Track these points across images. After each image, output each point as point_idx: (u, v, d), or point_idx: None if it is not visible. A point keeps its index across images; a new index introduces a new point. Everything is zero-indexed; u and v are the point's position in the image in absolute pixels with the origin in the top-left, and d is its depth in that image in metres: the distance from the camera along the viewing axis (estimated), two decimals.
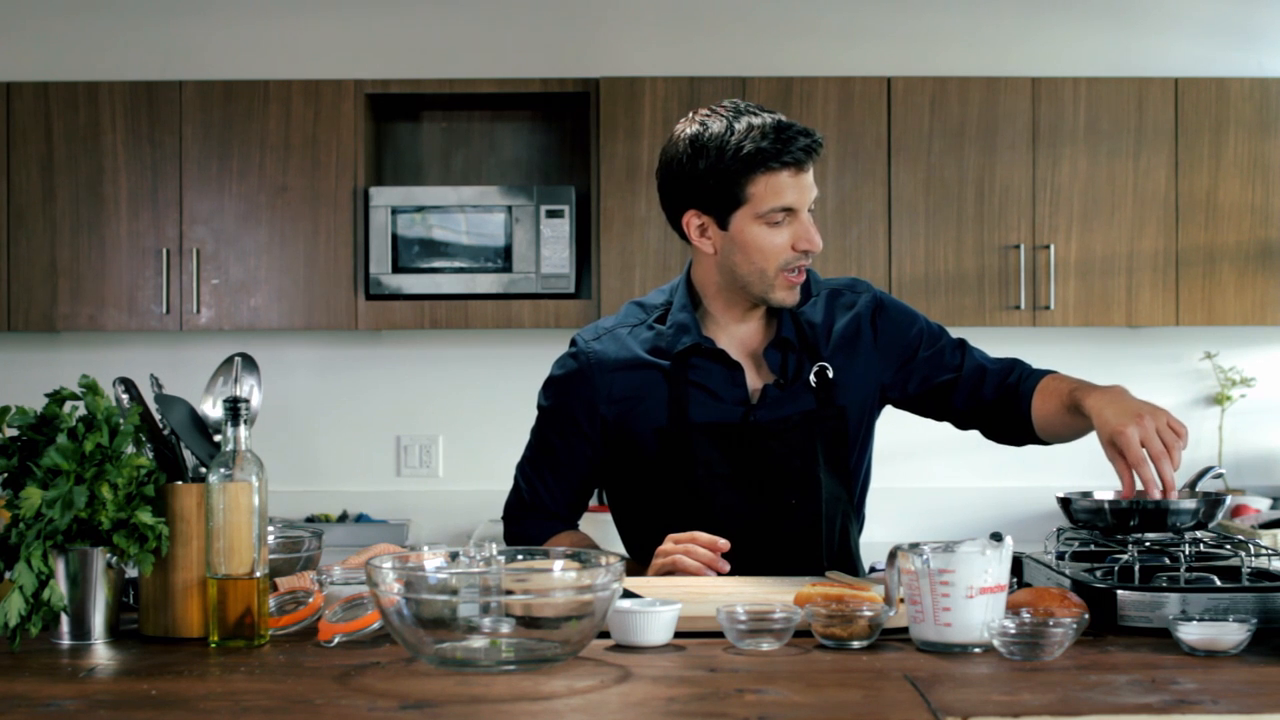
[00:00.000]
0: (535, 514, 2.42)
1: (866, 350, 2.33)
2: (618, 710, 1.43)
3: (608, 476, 2.42)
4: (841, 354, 2.31)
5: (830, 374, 2.28)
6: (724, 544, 2.13)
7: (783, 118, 2.20)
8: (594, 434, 2.33)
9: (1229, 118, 4.33)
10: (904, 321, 2.37)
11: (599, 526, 4.26)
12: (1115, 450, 2.01)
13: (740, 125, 2.17)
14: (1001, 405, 2.32)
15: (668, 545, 2.16)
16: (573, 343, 2.38)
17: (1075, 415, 2.15)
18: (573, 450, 2.36)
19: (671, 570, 2.14)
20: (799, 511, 2.26)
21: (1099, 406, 2.06)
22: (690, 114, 2.26)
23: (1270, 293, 4.33)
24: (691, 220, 2.25)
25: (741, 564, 2.19)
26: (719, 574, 2.13)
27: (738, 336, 2.31)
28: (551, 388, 2.38)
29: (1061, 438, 2.29)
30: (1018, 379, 2.32)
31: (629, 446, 2.31)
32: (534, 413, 2.47)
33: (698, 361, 2.28)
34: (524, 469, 2.44)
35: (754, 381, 2.29)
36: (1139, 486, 1.99)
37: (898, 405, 2.41)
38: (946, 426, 2.48)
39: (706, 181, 2.19)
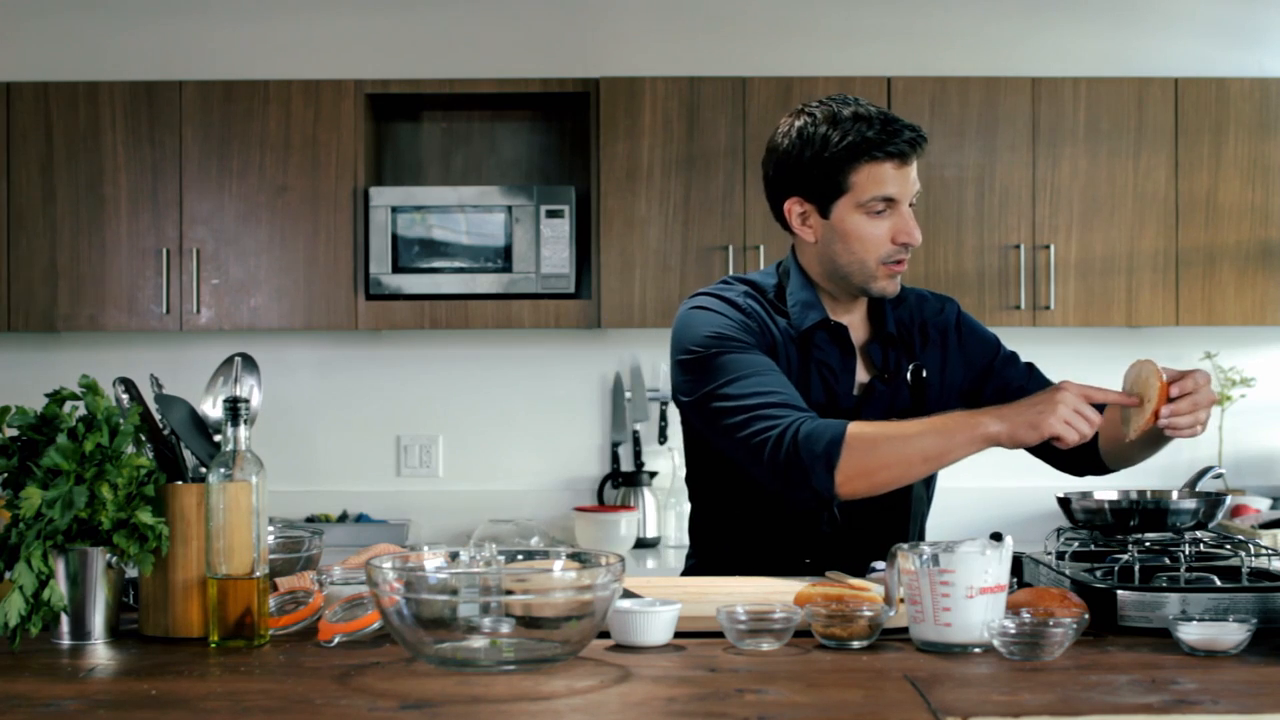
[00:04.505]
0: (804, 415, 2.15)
1: (953, 355, 2.35)
2: (618, 710, 1.43)
3: (701, 449, 2.32)
4: (932, 356, 2.33)
5: (924, 373, 2.30)
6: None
7: (889, 112, 2.23)
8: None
9: (1229, 118, 4.33)
10: (985, 334, 2.41)
11: (602, 526, 4.26)
12: (1191, 379, 2.02)
13: (846, 115, 2.20)
14: None
15: (1072, 398, 2.02)
16: (699, 295, 2.28)
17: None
18: (769, 357, 2.21)
19: (1060, 438, 2.01)
20: (891, 508, 2.28)
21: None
22: (799, 106, 2.27)
23: (1270, 293, 4.33)
24: (793, 207, 2.26)
25: (832, 554, 2.21)
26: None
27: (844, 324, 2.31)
28: (717, 317, 2.22)
29: (1124, 453, 2.25)
30: None
31: None
32: (534, 412, 2.46)
33: (820, 341, 2.27)
34: (765, 397, 2.13)
35: (859, 373, 2.30)
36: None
37: None
38: None
39: (811, 170, 2.21)
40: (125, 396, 1.88)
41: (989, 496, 4.56)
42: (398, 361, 4.67)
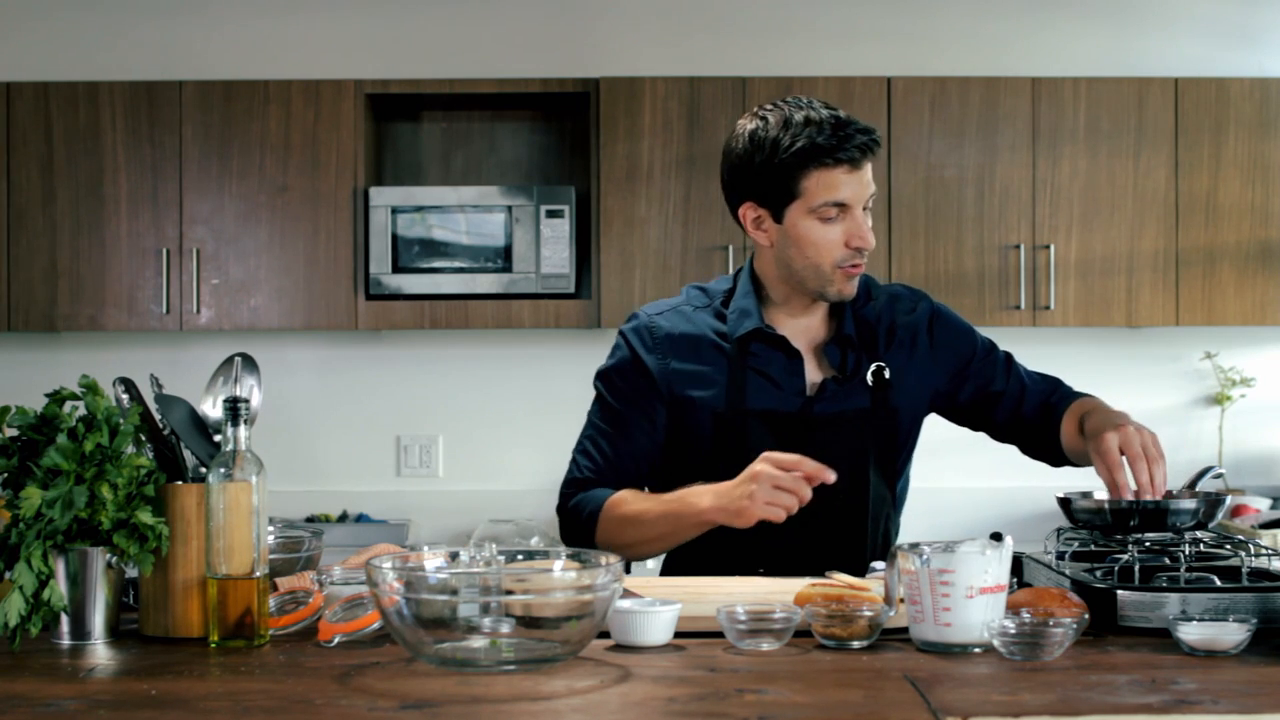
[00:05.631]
0: (595, 486, 2.32)
1: (923, 355, 2.35)
2: (618, 710, 1.43)
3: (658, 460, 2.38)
4: (898, 356, 2.32)
5: (887, 374, 2.29)
6: (831, 475, 2.04)
7: (842, 114, 2.21)
8: (658, 401, 2.29)
9: (1229, 118, 4.33)
10: (961, 331, 2.40)
11: None
12: (1098, 456, 2.03)
13: (798, 120, 2.19)
14: (1039, 423, 2.34)
15: (770, 470, 2.04)
16: (633, 316, 2.37)
17: (1082, 435, 2.17)
18: (639, 416, 2.30)
19: (771, 519, 2.06)
20: (846, 508, 2.27)
21: (1094, 428, 2.10)
22: (755, 109, 2.27)
23: (1270, 293, 4.33)
24: (748, 212, 2.27)
25: (786, 559, 2.21)
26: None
27: (798, 329, 2.32)
28: (615, 357, 2.35)
29: (1087, 461, 2.27)
30: (1058, 399, 2.34)
31: (685, 427, 2.29)
32: (534, 412, 2.47)
33: (758, 349, 2.28)
34: (583, 447, 2.35)
35: (813, 374, 2.30)
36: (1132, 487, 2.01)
37: (942, 413, 2.43)
38: (947, 426, 2.49)
39: (763, 175, 2.21)
40: (125, 396, 1.88)
41: (989, 496, 4.56)
42: (398, 361, 4.67)
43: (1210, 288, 4.32)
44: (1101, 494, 2.04)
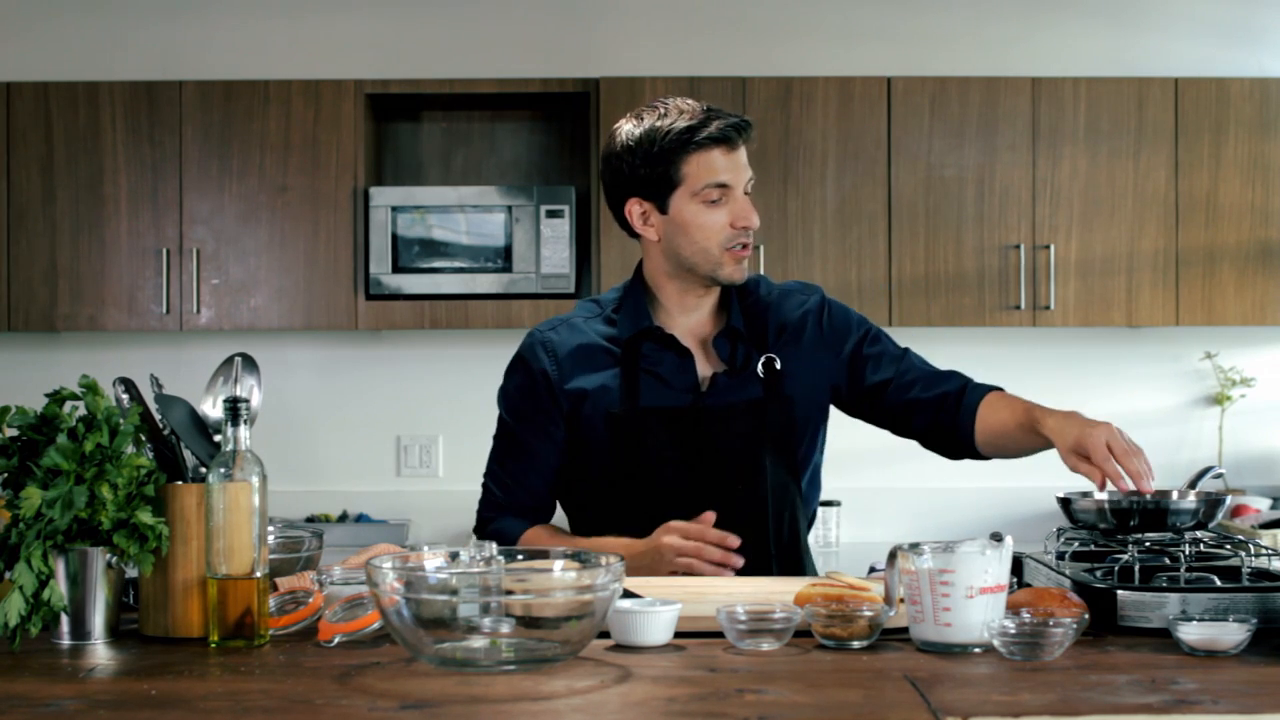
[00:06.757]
0: (509, 512, 2.42)
1: (813, 344, 2.37)
2: (618, 710, 1.43)
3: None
4: (789, 347, 2.35)
5: (778, 364, 2.32)
6: (734, 540, 2.15)
7: (714, 106, 2.29)
8: (559, 417, 2.35)
9: (1229, 118, 4.33)
10: (850, 318, 2.42)
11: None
12: (1079, 456, 2.04)
13: (672, 110, 2.27)
14: (938, 410, 2.33)
15: (675, 542, 2.16)
16: (529, 335, 2.42)
17: (1031, 434, 2.17)
18: (541, 435, 2.37)
19: (687, 571, 2.16)
20: (745, 498, 2.29)
21: (1059, 426, 2.10)
22: (628, 114, 2.34)
23: (1270, 293, 4.33)
24: (633, 208, 2.33)
25: None
26: (734, 571, 2.15)
27: (688, 325, 2.36)
28: (513, 378, 2.41)
29: (1005, 452, 2.30)
30: (960, 388, 2.34)
31: (582, 432, 2.33)
32: None
33: (648, 350, 2.33)
34: (491, 471, 2.45)
35: (704, 369, 2.34)
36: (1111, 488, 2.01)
37: (844, 407, 2.43)
38: None
39: (644, 167, 2.27)
40: (125, 396, 1.88)
41: (989, 496, 4.56)
42: (398, 361, 4.67)
43: (1210, 288, 4.32)
44: (1101, 494, 2.04)
